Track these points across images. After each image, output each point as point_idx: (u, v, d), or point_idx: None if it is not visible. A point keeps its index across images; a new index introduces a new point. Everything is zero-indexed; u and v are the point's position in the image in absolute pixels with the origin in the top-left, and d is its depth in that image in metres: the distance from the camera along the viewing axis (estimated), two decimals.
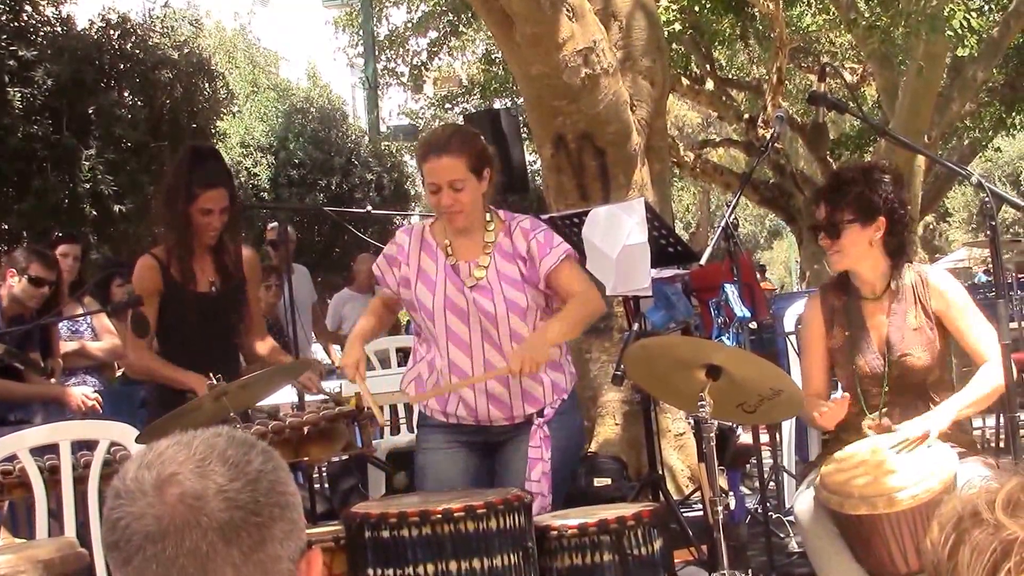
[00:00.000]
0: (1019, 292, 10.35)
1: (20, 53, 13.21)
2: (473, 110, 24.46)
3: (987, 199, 4.37)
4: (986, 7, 19.16)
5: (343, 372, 5.00)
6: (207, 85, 15.50)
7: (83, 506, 5.14)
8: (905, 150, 14.29)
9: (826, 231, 4.64)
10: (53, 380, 7.27)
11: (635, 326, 5.32)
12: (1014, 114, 21.62)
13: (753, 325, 5.95)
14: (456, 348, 4.76)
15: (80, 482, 5.16)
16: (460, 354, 4.75)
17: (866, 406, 4.67)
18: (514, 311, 4.73)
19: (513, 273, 4.76)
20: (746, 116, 20.59)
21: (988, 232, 4.41)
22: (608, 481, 6.87)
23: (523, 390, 4.77)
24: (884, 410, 4.62)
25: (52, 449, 5.22)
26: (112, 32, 14.58)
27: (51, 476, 5.13)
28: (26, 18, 14.02)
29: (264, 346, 5.92)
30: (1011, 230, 30.21)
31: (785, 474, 7.16)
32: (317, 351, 11.73)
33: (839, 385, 4.93)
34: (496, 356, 4.74)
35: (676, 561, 5.03)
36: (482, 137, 5.00)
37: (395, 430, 8.46)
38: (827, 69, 5.42)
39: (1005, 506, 1.57)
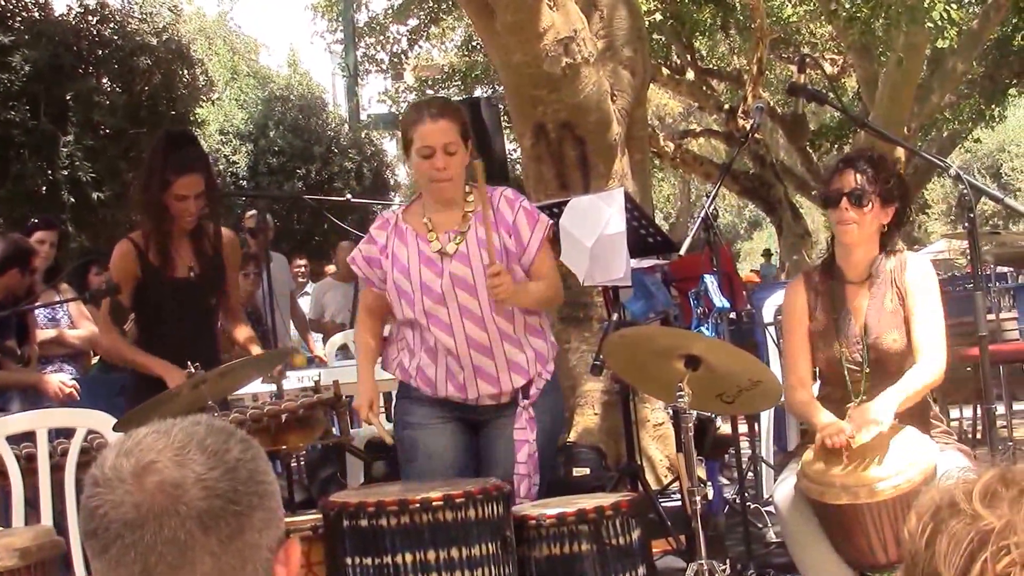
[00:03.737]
0: (997, 283, 10.41)
1: None
2: (453, 98, 24.44)
3: (965, 191, 4.39)
4: None
5: (321, 362, 4.99)
6: (186, 72, 15.45)
7: (60, 494, 5.13)
8: (885, 142, 14.32)
9: (853, 198, 4.59)
10: (30, 368, 7.25)
11: (614, 316, 5.34)
12: (994, 106, 21.71)
13: (732, 315, 5.96)
14: (437, 328, 4.77)
15: (57, 470, 5.15)
16: (443, 335, 4.77)
17: (847, 392, 4.68)
18: None
19: (494, 241, 4.77)
20: (727, 106, 20.62)
21: (967, 224, 4.43)
22: (587, 471, 6.87)
23: (508, 359, 4.79)
24: (864, 397, 4.63)
25: (29, 437, 5.20)
26: (90, 18, 14.53)
27: (28, 464, 5.12)
28: (3, 3, 13.95)
29: (241, 333, 5.91)
30: (990, 222, 30.33)
31: (763, 464, 7.17)
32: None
33: (818, 373, 4.94)
34: (477, 331, 4.76)
35: (654, 551, 5.03)
36: None
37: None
38: (807, 60, 5.42)
39: (983, 496, 1.58)
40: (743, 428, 6.99)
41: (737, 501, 6.35)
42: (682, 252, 5.86)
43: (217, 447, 1.69)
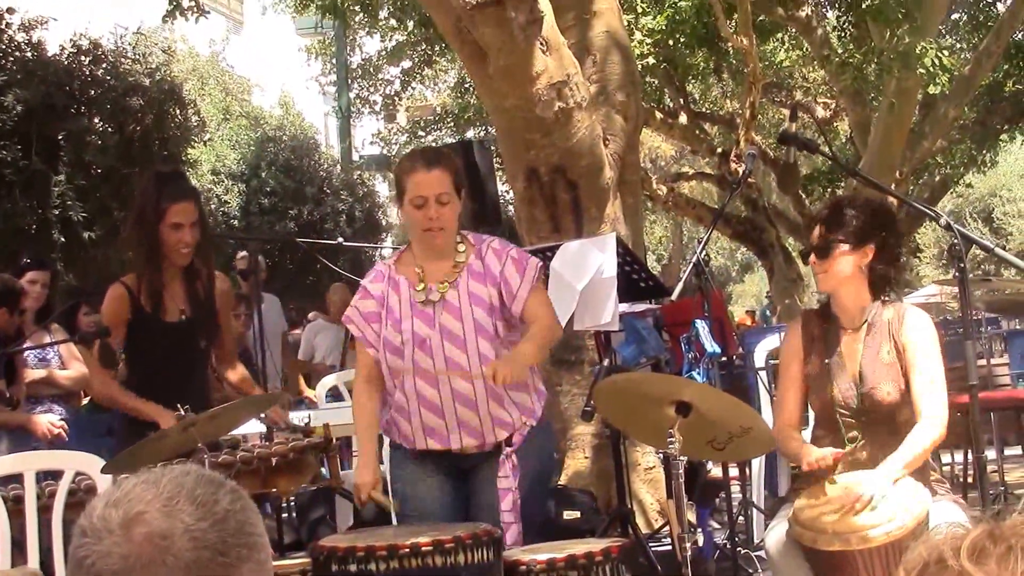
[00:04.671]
0: (988, 328, 10.40)
1: None
2: (446, 139, 24.48)
3: (956, 241, 4.40)
4: (957, 45, 19.33)
5: (311, 404, 4.96)
6: (178, 112, 15.46)
7: (47, 536, 5.11)
8: (874, 190, 14.40)
9: (816, 251, 4.68)
10: (18, 409, 7.23)
11: (605, 361, 5.34)
12: (985, 151, 21.78)
13: (724, 360, 5.97)
14: (423, 381, 4.74)
15: (44, 512, 5.13)
16: (429, 388, 4.74)
17: (839, 437, 4.68)
18: (481, 333, 4.72)
19: (483, 295, 4.75)
20: (719, 150, 20.66)
21: (957, 273, 4.44)
22: (578, 514, 6.86)
23: (492, 416, 4.76)
24: (859, 443, 4.63)
25: (16, 478, 5.18)
26: (83, 58, 14.55)
27: (15, 505, 5.10)
28: None
29: (235, 374, 5.91)
30: (982, 267, 30.37)
31: (754, 509, 7.16)
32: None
33: (811, 416, 4.94)
34: (464, 385, 4.73)
35: None
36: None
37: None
38: (798, 108, 5.46)
39: (971, 553, 1.57)
40: (734, 472, 6.97)
41: (728, 546, 6.33)
42: (674, 297, 5.87)
43: (206, 498, 1.68)
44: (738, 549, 6.13)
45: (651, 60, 15.72)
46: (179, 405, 4.89)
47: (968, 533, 1.60)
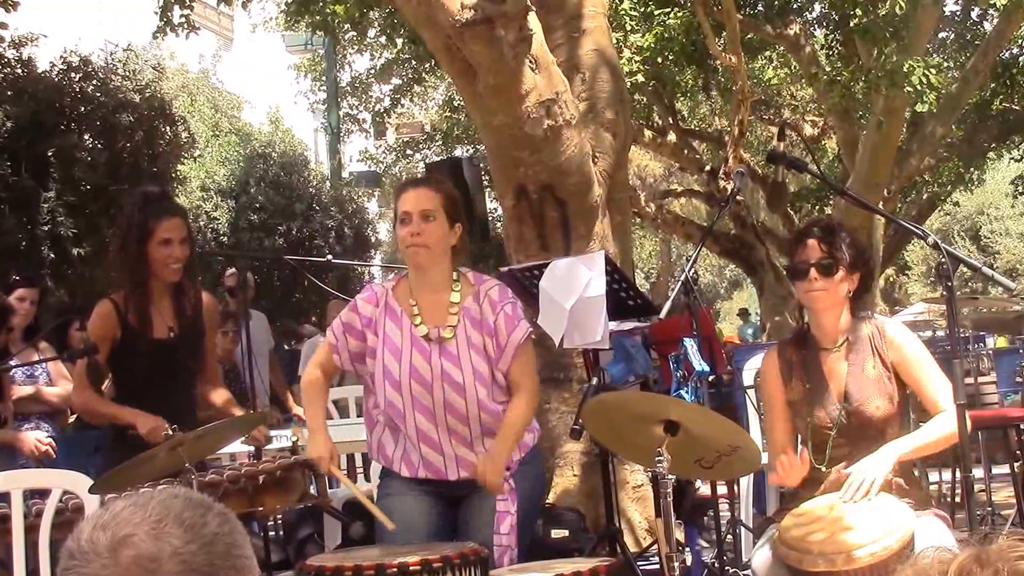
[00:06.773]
0: (976, 346, 10.40)
1: None
2: (435, 157, 24.50)
3: (943, 260, 4.41)
4: (945, 64, 19.41)
5: (300, 420, 4.96)
6: (168, 129, 15.44)
7: (34, 555, 5.09)
8: (862, 209, 14.43)
9: (820, 267, 4.66)
10: (5, 427, 7.21)
11: (594, 379, 5.33)
12: (972, 169, 21.87)
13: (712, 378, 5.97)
14: (422, 416, 4.76)
15: (31, 531, 5.11)
16: (426, 422, 4.76)
17: (827, 457, 4.69)
18: (480, 380, 4.76)
19: (480, 343, 4.79)
20: (708, 168, 20.70)
21: (944, 292, 4.46)
22: (566, 533, 6.85)
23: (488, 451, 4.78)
24: (844, 463, 4.64)
25: (3, 497, 5.17)
26: (73, 75, 14.53)
27: (1, 525, 5.08)
28: None
29: (219, 396, 5.89)
30: (969, 284, 30.42)
31: (742, 528, 7.15)
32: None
33: (799, 438, 4.95)
34: (460, 426, 4.76)
35: None
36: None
37: (352, 479, 8.41)
38: (785, 127, 5.48)
39: None
40: (722, 491, 6.97)
41: (716, 565, 6.32)
42: (662, 315, 5.87)
43: (194, 520, 1.68)
44: (726, 568, 6.11)
45: (640, 78, 15.74)
46: (167, 424, 4.88)
47: (955, 557, 1.61)
